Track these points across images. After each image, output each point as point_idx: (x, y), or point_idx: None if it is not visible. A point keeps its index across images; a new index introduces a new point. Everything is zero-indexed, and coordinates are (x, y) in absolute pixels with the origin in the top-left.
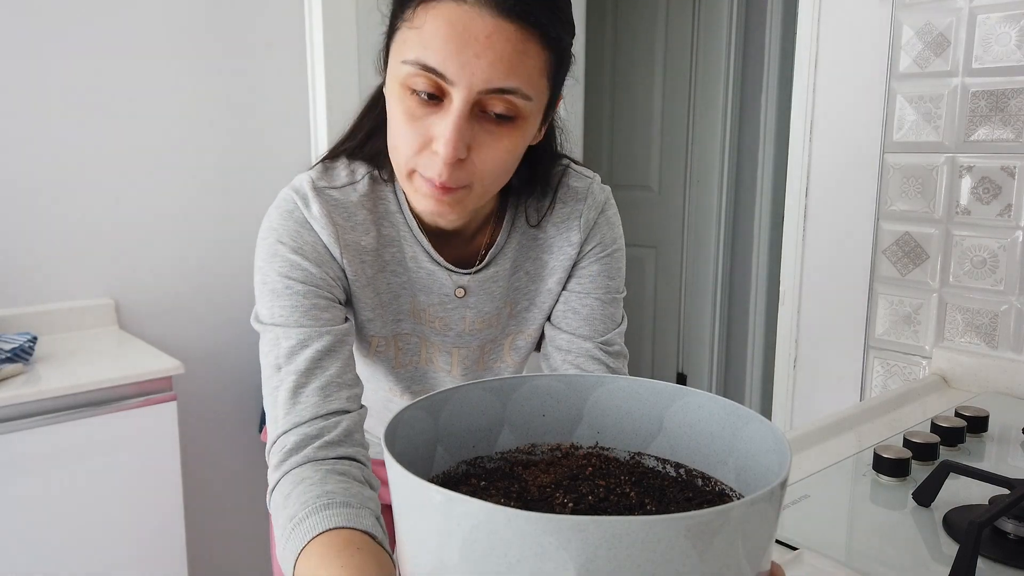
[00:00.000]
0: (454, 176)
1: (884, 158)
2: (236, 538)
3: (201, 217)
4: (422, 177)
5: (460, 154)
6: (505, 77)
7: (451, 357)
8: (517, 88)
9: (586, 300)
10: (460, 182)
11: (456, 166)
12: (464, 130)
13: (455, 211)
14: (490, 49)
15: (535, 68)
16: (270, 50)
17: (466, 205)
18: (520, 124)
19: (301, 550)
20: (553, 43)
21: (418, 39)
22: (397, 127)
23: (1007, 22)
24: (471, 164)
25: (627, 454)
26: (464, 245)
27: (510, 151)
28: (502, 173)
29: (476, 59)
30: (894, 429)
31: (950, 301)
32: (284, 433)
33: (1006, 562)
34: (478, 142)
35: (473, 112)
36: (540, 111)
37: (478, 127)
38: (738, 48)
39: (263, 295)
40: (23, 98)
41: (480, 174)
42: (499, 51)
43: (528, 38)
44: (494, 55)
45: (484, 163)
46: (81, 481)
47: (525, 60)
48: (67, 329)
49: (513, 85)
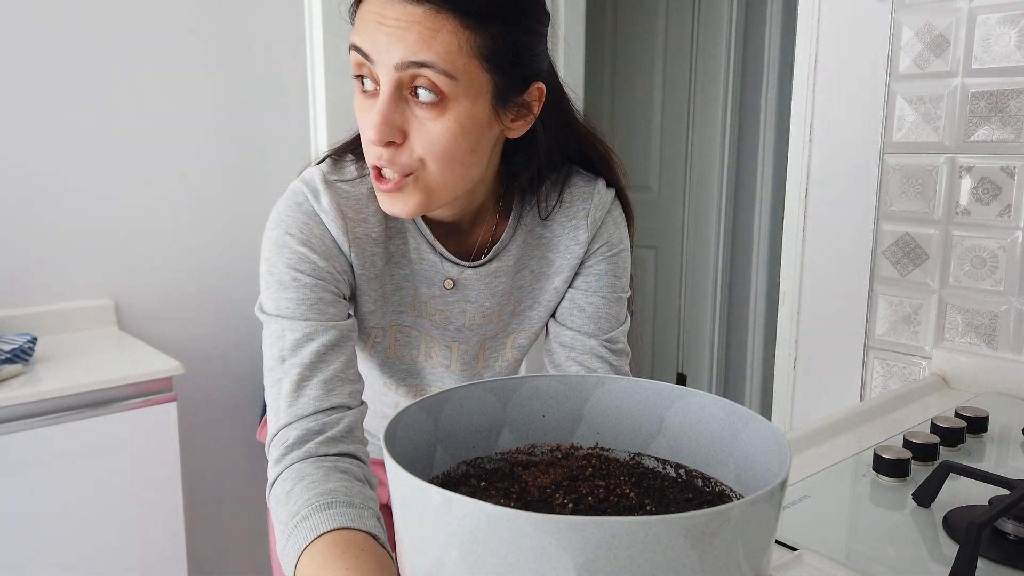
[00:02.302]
0: (394, 161)
1: (884, 159)
2: (236, 538)
3: (201, 218)
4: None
5: (389, 136)
6: (417, 51)
7: (451, 352)
8: (432, 62)
9: (592, 298)
10: (402, 168)
11: (393, 151)
12: (391, 113)
13: (408, 204)
14: (400, 28)
15: (452, 46)
16: (270, 50)
17: (415, 196)
18: (450, 105)
19: (304, 549)
20: (475, 23)
21: (354, 28)
22: (359, 125)
23: (1007, 23)
24: (410, 149)
25: (627, 454)
26: (467, 238)
27: (446, 133)
28: (447, 157)
29: (388, 36)
30: (894, 430)
31: (950, 301)
32: (286, 426)
33: (1006, 563)
34: (412, 126)
35: (401, 94)
36: (478, 94)
37: (409, 112)
38: (738, 48)
39: (269, 286)
40: (23, 98)
41: (421, 160)
42: (408, 27)
43: (441, 18)
44: (404, 32)
45: (422, 146)
46: (81, 482)
47: (438, 36)
48: (67, 330)
49: (425, 59)
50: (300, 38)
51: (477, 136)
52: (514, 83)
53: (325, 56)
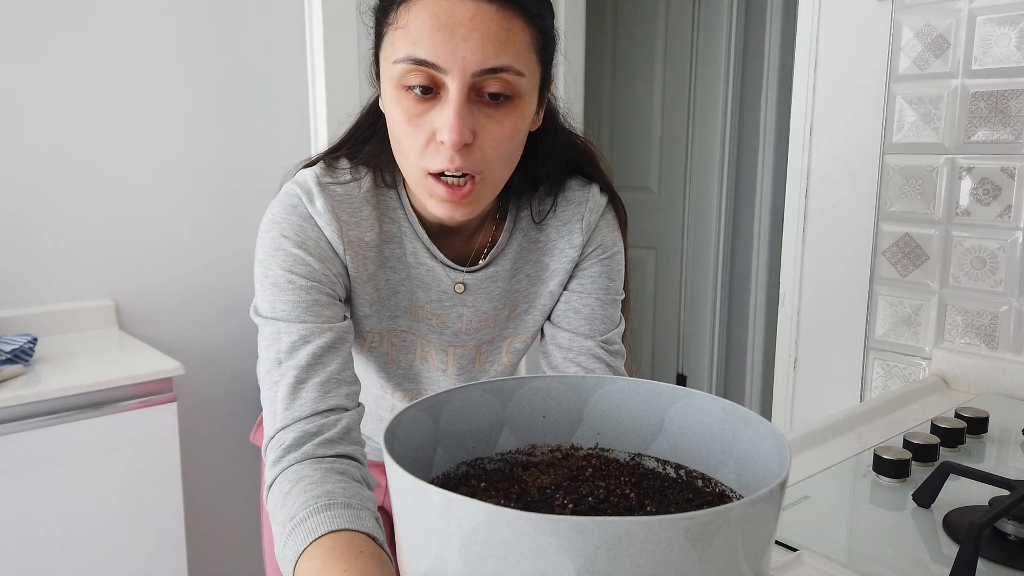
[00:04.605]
0: (465, 162)
1: (884, 159)
2: (235, 539)
3: (201, 218)
4: (433, 179)
5: (466, 138)
6: (496, 56)
7: (447, 356)
8: (509, 65)
9: (586, 300)
10: (472, 168)
11: (464, 152)
12: (465, 115)
13: (471, 206)
14: (476, 31)
15: (523, 44)
16: (270, 50)
17: (479, 196)
18: (518, 103)
19: (302, 552)
20: (536, 20)
21: (405, 37)
22: (400, 130)
23: (1007, 23)
24: (478, 149)
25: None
26: (464, 243)
27: (513, 131)
28: (508, 157)
29: (464, 43)
30: (894, 430)
31: (950, 302)
32: (283, 429)
33: (1006, 563)
34: (481, 126)
35: (470, 97)
36: (535, 89)
37: (478, 112)
38: (738, 48)
39: (264, 289)
40: (23, 98)
41: (488, 159)
42: (485, 31)
43: (511, 16)
44: (481, 36)
45: (491, 146)
46: (81, 482)
47: (512, 37)
48: (67, 330)
49: (505, 63)
50: (300, 38)
51: (526, 130)
52: (548, 74)
53: (325, 56)
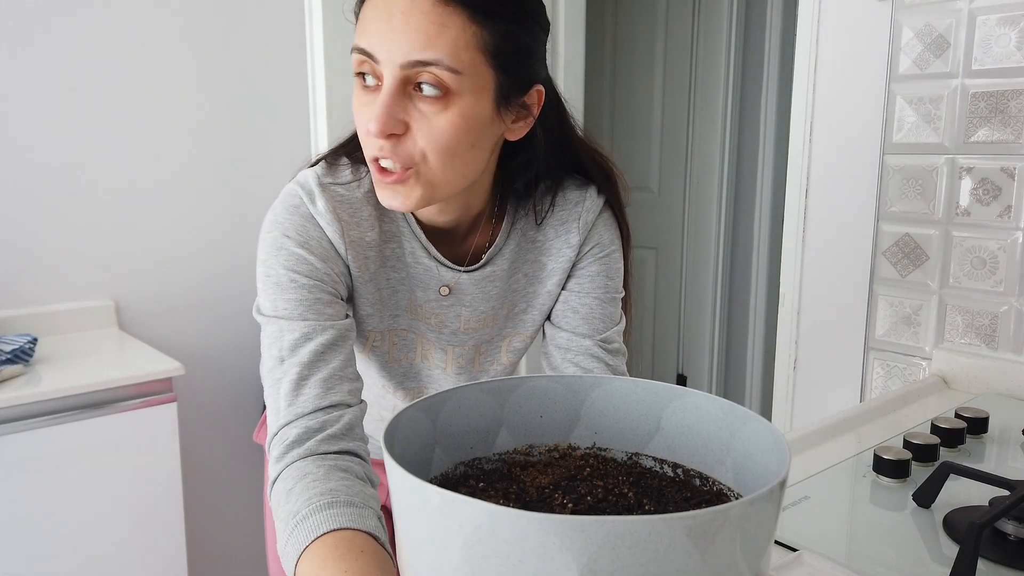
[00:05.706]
0: (395, 152)
1: (884, 159)
2: (236, 538)
3: (201, 218)
4: (374, 164)
5: (390, 128)
6: (423, 49)
7: (446, 355)
8: (438, 60)
9: (585, 299)
10: (404, 160)
11: (394, 143)
12: (393, 106)
13: (409, 198)
14: (408, 23)
15: (459, 41)
16: (270, 50)
17: (418, 191)
18: (456, 100)
19: (304, 550)
20: (485, 21)
21: (359, 28)
22: (355, 118)
23: (1007, 23)
24: (411, 142)
25: (625, 454)
26: (460, 243)
27: (449, 128)
28: (452, 155)
29: (393, 34)
30: (894, 430)
31: (950, 302)
32: (286, 425)
33: (1006, 563)
34: (415, 119)
35: (405, 90)
36: (484, 92)
37: (412, 105)
38: (738, 48)
39: (267, 288)
40: (23, 98)
41: (423, 152)
42: (416, 24)
43: (449, 12)
44: (412, 28)
45: (425, 140)
46: (81, 482)
47: (444, 32)
48: (67, 330)
49: (432, 57)
50: (300, 38)
51: (478, 132)
52: (516, 83)
53: (325, 56)
